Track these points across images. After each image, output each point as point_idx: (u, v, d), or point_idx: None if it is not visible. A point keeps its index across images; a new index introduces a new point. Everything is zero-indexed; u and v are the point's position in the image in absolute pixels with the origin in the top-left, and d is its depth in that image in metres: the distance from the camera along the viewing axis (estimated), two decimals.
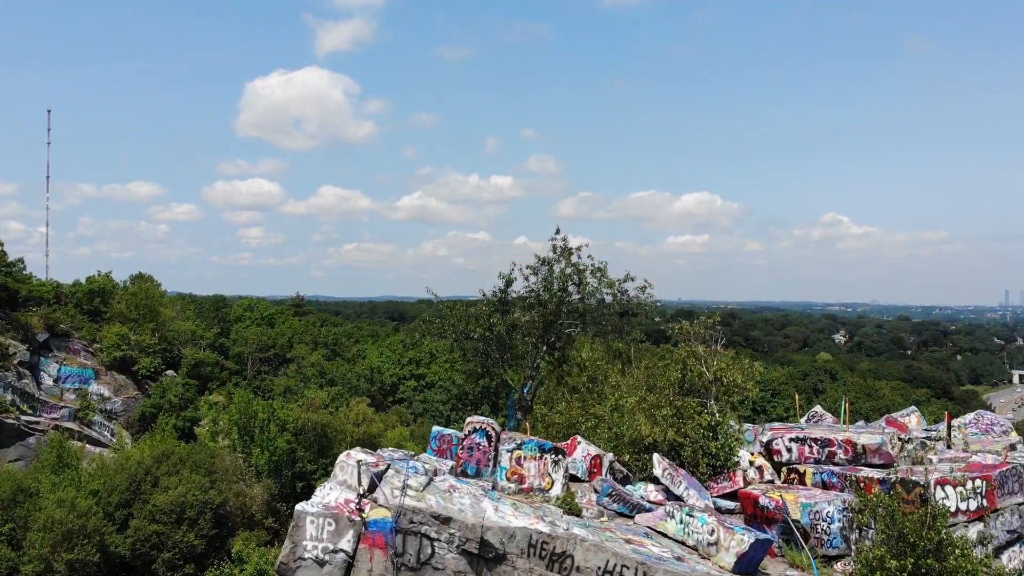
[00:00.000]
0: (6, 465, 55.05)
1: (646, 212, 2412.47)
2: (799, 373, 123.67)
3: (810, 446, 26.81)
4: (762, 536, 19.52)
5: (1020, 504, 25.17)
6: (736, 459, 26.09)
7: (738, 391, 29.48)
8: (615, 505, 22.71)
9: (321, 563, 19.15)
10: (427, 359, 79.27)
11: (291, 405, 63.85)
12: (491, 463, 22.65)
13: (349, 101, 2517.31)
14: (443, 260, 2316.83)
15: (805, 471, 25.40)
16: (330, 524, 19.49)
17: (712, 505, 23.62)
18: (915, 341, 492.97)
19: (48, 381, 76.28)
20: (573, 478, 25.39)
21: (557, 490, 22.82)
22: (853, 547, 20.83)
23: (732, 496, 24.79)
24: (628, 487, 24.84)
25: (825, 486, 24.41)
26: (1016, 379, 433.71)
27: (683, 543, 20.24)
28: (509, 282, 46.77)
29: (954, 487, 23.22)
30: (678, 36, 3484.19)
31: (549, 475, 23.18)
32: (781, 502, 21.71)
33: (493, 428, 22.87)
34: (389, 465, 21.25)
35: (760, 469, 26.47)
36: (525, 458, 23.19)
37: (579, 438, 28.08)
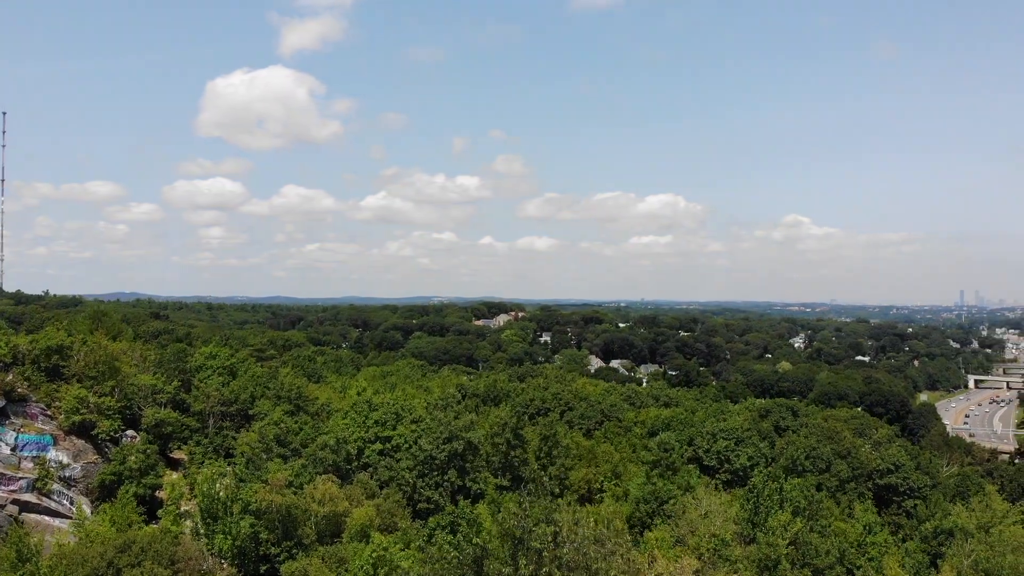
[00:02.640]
0: None
1: (611, 213, 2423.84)
2: (760, 409, 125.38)
3: None
4: None
5: None
6: None
7: None
8: None
9: None
10: (392, 420, 79.18)
11: (254, 485, 63.61)
12: None
13: (314, 101, 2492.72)
14: (408, 260, 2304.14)
15: None
16: None
17: None
18: (873, 346, 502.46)
19: (5, 450, 75.00)
20: None
21: None
22: None
23: None
24: None
25: None
26: (971, 383, 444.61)
27: None
28: None
29: None
30: (647, 38, 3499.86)
31: None
32: None
33: None
34: None
35: None
36: None
37: None
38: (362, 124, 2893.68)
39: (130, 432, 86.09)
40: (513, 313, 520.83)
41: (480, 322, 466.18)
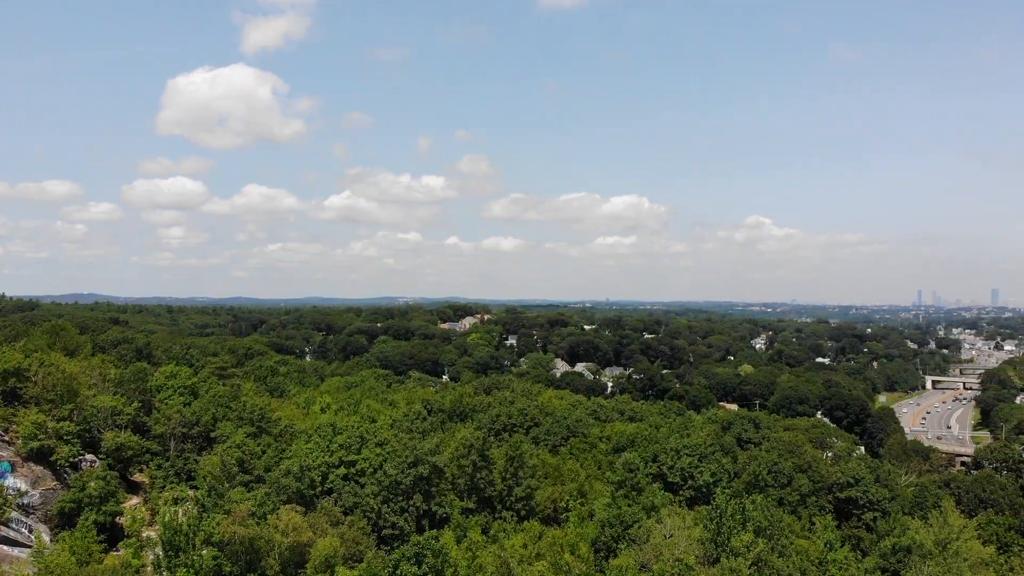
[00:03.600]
0: None
1: (576, 214, 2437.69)
2: (723, 421, 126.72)
3: None
4: None
5: None
6: None
7: None
8: None
9: None
10: (357, 443, 78.73)
11: (216, 516, 62.94)
12: None
13: (277, 99, 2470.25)
14: (373, 261, 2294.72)
15: None
16: None
17: None
18: (833, 347, 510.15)
19: None
20: None
21: None
22: None
23: None
24: None
25: None
26: (929, 384, 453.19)
27: None
28: None
29: None
30: (612, 40, 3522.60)
31: None
32: None
33: None
34: None
35: None
36: None
37: None
38: (326, 123, 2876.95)
39: (90, 457, 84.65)
40: (479, 316, 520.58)
41: (446, 325, 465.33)
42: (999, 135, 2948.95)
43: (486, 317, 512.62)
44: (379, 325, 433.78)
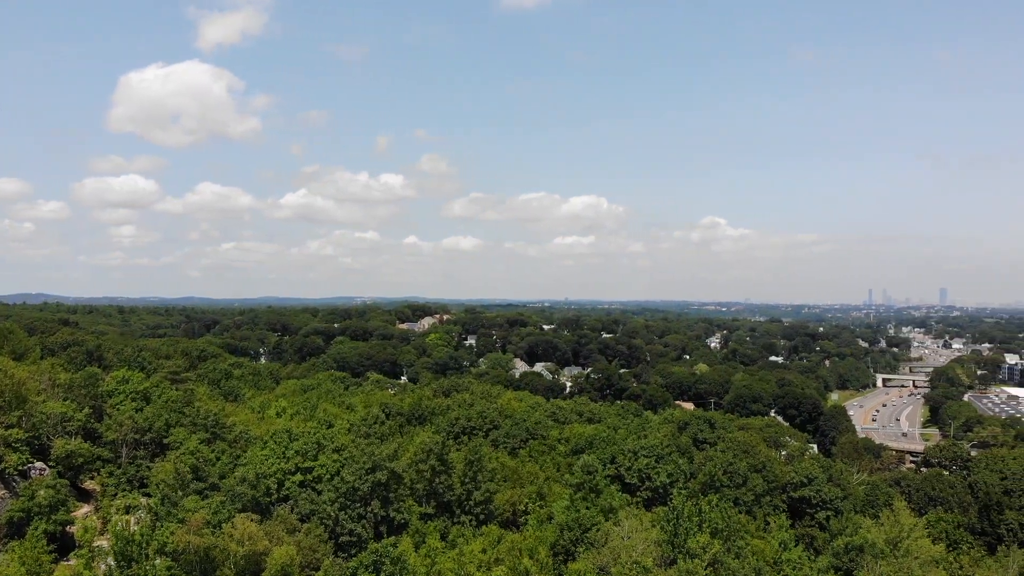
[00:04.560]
0: None
1: (536, 213, 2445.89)
2: (679, 422, 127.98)
3: None
4: None
5: None
6: None
7: None
8: None
9: None
10: (314, 450, 77.97)
11: (171, 525, 61.93)
12: None
13: (232, 96, 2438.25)
14: (329, 260, 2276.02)
15: None
16: None
17: None
18: (786, 346, 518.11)
19: None
20: None
21: None
22: None
23: None
24: None
25: None
26: (880, 382, 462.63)
27: None
28: None
29: None
30: (573, 41, 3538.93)
31: None
32: None
33: None
34: None
35: None
36: None
37: None
38: (282, 121, 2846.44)
39: (39, 464, 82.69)
40: (438, 316, 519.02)
41: (404, 325, 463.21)
42: (949, 137, 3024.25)
43: (445, 317, 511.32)
44: (336, 326, 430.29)
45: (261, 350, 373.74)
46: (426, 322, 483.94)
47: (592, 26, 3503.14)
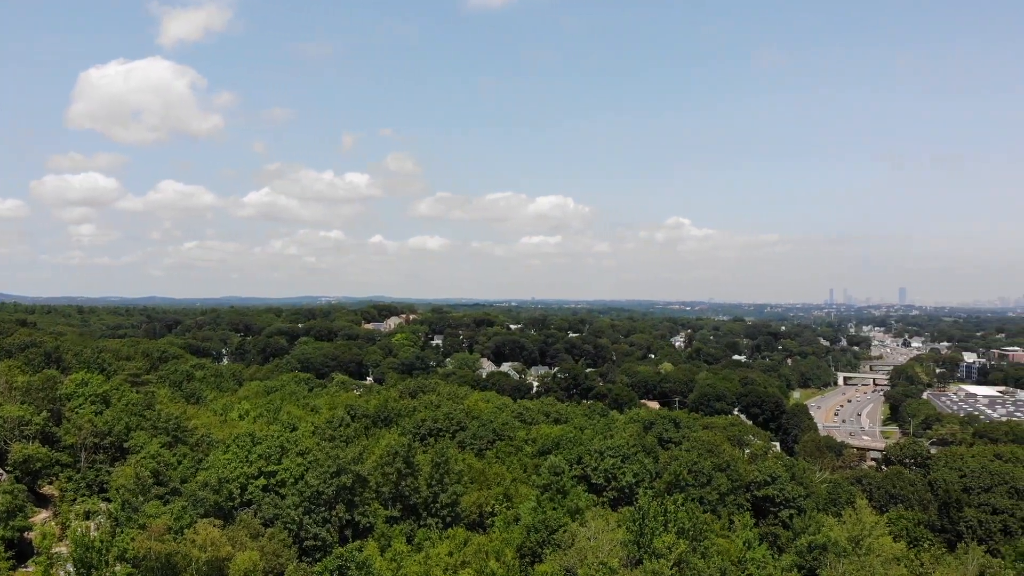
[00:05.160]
0: None
1: (502, 213, 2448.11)
2: (645, 421, 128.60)
3: None
4: None
5: None
6: None
7: None
8: None
9: None
10: (277, 453, 77.10)
11: (131, 531, 60.87)
12: None
13: (195, 93, 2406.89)
14: (293, 259, 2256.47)
15: None
16: None
17: None
18: (749, 345, 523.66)
19: None
20: None
21: None
22: None
23: None
24: None
25: None
26: (841, 381, 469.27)
27: None
28: None
29: None
30: (540, 42, 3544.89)
31: None
32: None
33: None
34: None
35: None
36: None
37: None
38: (245, 118, 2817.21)
39: None
40: (404, 315, 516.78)
41: (370, 325, 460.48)
42: (908, 138, 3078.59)
43: (411, 317, 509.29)
44: (300, 326, 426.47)
45: (224, 351, 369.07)
46: (392, 322, 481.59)
47: (559, 26, 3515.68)
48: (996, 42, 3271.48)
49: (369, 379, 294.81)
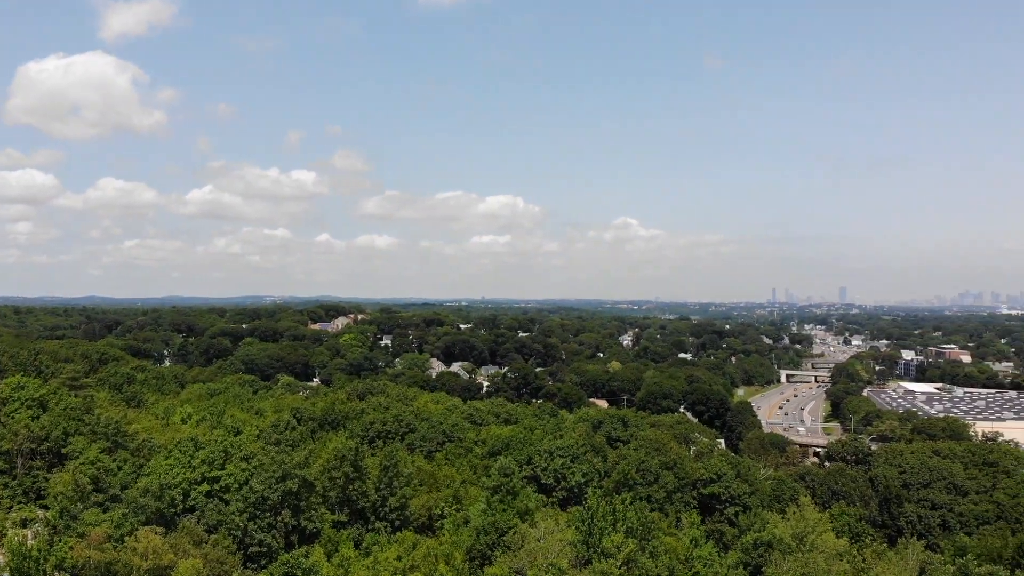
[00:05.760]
0: None
1: (452, 212, 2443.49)
2: (594, 420, 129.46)
3: None
4: None
5: None
6: None
7: None
8: None
9: None
10: (221, 458, 75.62)
11: (69, 539, 59.15)
12: None
13: (136, 89, 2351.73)
14: (237, 258, 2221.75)
15: None
16: None
17: None
18: (694, 343, 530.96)
19: None
20: None
21: None
22: None
23: None
24: None
25: None
26: (783, 378, 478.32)
27: None
28: None
29: None
30: (490, 40, 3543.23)
31: None
32: None
33: None
34: None
35: None
36: None
37: None
38: (189, 114, 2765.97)
39: None
40: (352, 315, 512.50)
41: (317, 326, 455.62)
42: (849, 141, 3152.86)
43: (360, 317, 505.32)
44: (245, 326, 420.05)
45: (165, 352, 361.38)
46: (340, 322, 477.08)
47: (510, 27, 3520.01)
48: (931, 50, 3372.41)
49: (316, 381, 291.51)
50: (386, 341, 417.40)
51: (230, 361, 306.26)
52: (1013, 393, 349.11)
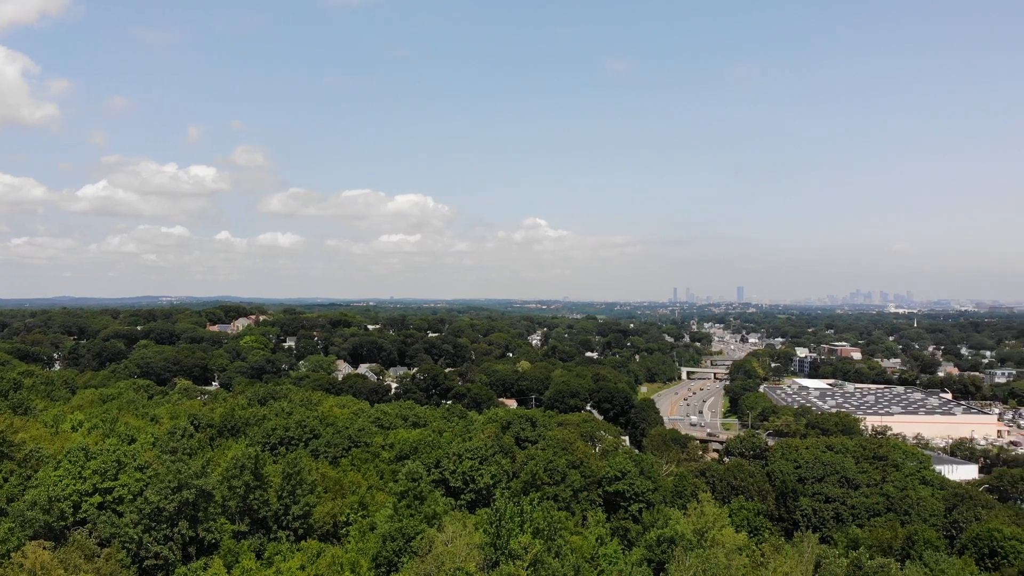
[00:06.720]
0: None
1: (360, 211, 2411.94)
2: (503, 421, 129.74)
3: None
4: None
5: None
6: None
7: None
8: None
9: None
10: (114, 468, 72.45)
11: None
12: None
13: (27, 80, 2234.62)
14: (132, 257, 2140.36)
15: None
16: None
17: None
18: (600, 342, 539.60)
19: None
20: None
21: None
22: None
23: None
24: None
25: None
26: (684, 375, 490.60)
27: None
28: None
29: None
30: (399, 38, 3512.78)
31: None
32: None
33: None
34: None
35: None
36: None
37: None
38: (82, 107, 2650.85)
39: None
40: (253, 316, 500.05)
41: (216, 327, 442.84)
42: (746, 146, 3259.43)
43: (262, 318, 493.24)
44: (139, 328, 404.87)
45: (55, 356, 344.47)
46: (240, 323, 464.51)
47: (417, 26, 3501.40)
48: (826, 56, 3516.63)
49: (215, 385, 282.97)
50: (290, 343, 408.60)
51: (124, 365, 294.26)
52: (901, 388, 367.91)
